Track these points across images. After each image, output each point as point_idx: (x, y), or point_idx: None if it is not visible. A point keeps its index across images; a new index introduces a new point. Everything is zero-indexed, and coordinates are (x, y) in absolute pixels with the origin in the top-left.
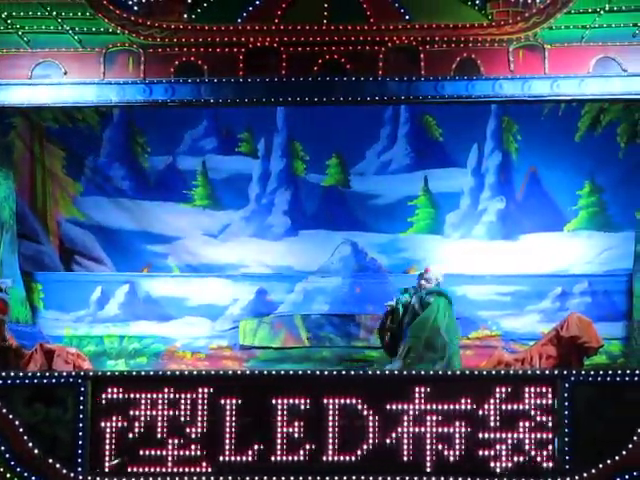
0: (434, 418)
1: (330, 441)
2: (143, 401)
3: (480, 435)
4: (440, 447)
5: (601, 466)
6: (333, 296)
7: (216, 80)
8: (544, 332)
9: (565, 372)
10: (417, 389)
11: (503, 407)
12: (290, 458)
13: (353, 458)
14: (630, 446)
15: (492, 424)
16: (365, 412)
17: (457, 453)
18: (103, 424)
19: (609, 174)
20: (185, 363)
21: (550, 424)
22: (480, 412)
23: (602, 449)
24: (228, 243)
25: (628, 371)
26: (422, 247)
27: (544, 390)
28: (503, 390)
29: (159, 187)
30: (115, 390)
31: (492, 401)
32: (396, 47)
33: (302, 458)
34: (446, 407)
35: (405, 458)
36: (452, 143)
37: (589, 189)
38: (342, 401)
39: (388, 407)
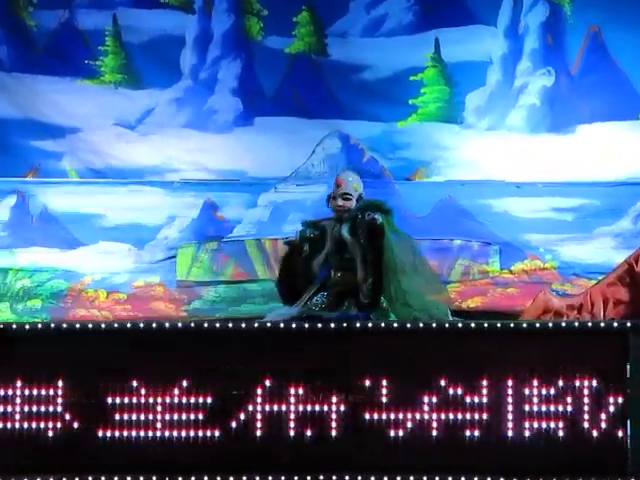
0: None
1: None
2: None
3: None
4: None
5: None
6: (315, 211)
7: None
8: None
9: None
10: None
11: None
12: None
13: None
14: None
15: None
16: None
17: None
18: None
19: None
20: (98, 307)
21: (619, 400)
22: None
23: None
24: (151, 137)
25: None
26: (431, 142)
27: (609, 350)
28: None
29: (50, 55)
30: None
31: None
32: None
33: None
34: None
35: None
36: None
37: None
38: None
39: None
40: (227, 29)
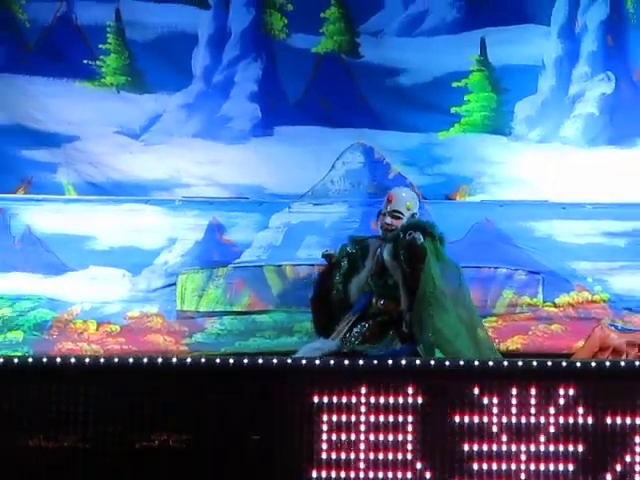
0: None
1: None
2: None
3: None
4: None
5: None
6: (334, 235)
7: None
8: None
9: None
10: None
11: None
12: None
13: None
14: None
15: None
16: None
17: None
18: None
19: None
20: (87, 340)
21: None
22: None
23: None
24: (157, 147)
25: None
26: (476, 156)
27: None
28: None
29: (44, 54)
30: None
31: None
32: None
33: None
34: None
35: None
36: None
37: None
38: None
39: None
40: (246, 26)
